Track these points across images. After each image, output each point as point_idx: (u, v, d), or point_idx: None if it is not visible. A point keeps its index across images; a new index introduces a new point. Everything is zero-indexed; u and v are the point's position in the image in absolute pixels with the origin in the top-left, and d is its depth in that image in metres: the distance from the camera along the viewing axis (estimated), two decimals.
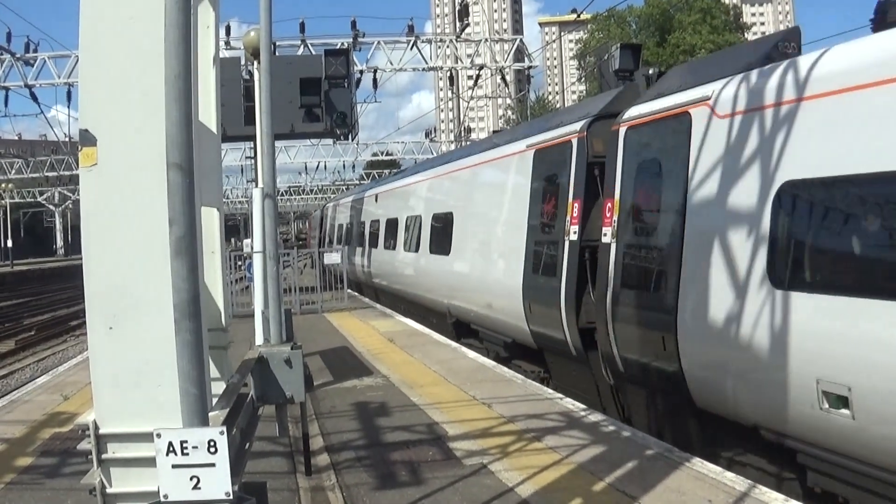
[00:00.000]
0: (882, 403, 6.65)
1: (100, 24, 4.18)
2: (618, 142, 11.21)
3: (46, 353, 26.82)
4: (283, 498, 7.20)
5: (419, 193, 23.69)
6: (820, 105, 7.63)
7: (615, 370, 11.08)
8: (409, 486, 7.25)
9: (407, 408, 10.39)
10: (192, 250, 3.33)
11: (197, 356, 3.31)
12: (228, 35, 32.39)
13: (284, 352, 6.56)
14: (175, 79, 3.29)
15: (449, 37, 38.82)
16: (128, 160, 4.16)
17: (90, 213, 4.21)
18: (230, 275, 21.52)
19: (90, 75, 4.25)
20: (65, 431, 9.63)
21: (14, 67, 32.68)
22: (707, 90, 9.49)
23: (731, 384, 8.61)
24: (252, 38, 10.46)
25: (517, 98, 43.98)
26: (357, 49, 33.41)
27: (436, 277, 20.42)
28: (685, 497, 6.60)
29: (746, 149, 8.56)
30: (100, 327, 4.19)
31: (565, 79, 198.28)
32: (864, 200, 7.30)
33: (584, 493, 6.79)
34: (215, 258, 5.77)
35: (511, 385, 11.47)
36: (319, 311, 23.02)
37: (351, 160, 75.03)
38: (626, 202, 10.92)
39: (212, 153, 5.89)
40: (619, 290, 10.75)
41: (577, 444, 8.23)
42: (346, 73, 23.03)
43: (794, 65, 8.14)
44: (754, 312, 8.10)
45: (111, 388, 4.20)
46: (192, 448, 3.27)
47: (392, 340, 16.57)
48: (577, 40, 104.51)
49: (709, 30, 66.47)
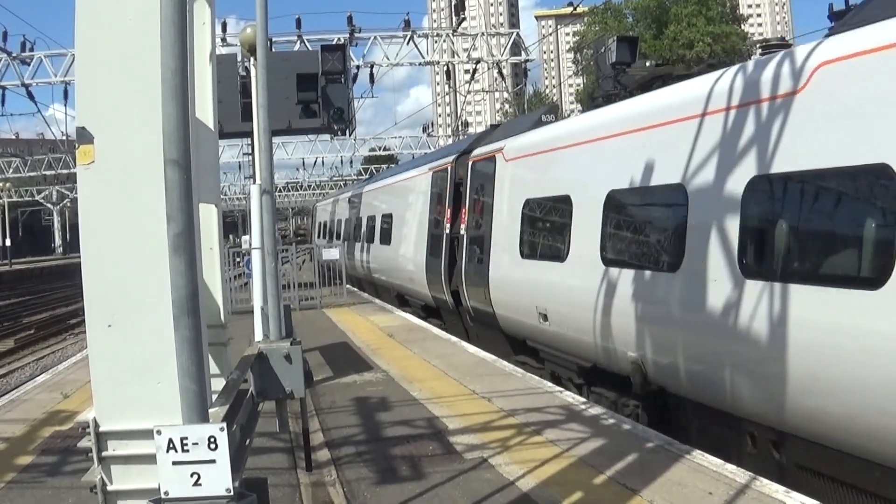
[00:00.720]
0: (559, 317, 12.44)
1: (96, 22, 4.18)
2: (468, 171, 17.91)
3: (46, 351, 26.86)
4: (283, 494, 7.21)
5: (369, 200, 31.58)
6: (540, 157, 14.05)
7: (471, 316, 17.63)
8: (409, 481, 7.26)
9: (407, 402, 10.41)
10: (191, 247, 3.32)
11: (196, 352, 3.31)
12: (225, 32, 32.33)
13: (284, 347, 6.56)
14: (171, 75, 3.29)
15: (445, 31, 38.78)
16: (125, 157, 4.16)
17: (88, 211, 4.21)
18: (229, 271, 21.51)
19: (87, 73, 4.24)
20: (65, 430, 9.63)
21: (10, 66, 32.62)
22: (501, 144, 15.96)
23: (510, 317, 14.83)
24: (248, 34, 10.43)
25: (514, 92, 43.90)
26: (353, 44, 33.38)
27: (385, 262, 26.79)
28: (686, 490, 6.60)
29: (516, 179, 15.05)
30: (99, 325, 4.19)
31: (562, 72, 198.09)
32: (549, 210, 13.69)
33: (584, 487, 6.80)
34: (214, 254, 5.76)
35: (511, 379, 11.48)
36: (318, 307, 23.03)
37: (349, 155, 75.02)
38: (471, 209, 17.60)
39: (209, 149, 5.88)
40: (467, 265, 17.37)
41: (577, 438, 8.24)
42: (343, 68, 22.97)
43: (539, 130, 14.80)
44: (515, 273, 14.61)
45: (111, 385, 4.20)
46: (192, 445, 3.27)
47: (391, 335, 16.59)
48: (573, 33, 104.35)
49: (705, 22, 66.31)
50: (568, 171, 12.90)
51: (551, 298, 12.74)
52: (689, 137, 9.12)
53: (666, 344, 9.52)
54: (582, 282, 11.40)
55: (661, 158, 9.81)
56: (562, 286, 12.33)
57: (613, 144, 11.16)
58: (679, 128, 9.41)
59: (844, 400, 6.88)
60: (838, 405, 6.98)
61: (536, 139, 14.37)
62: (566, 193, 12.44)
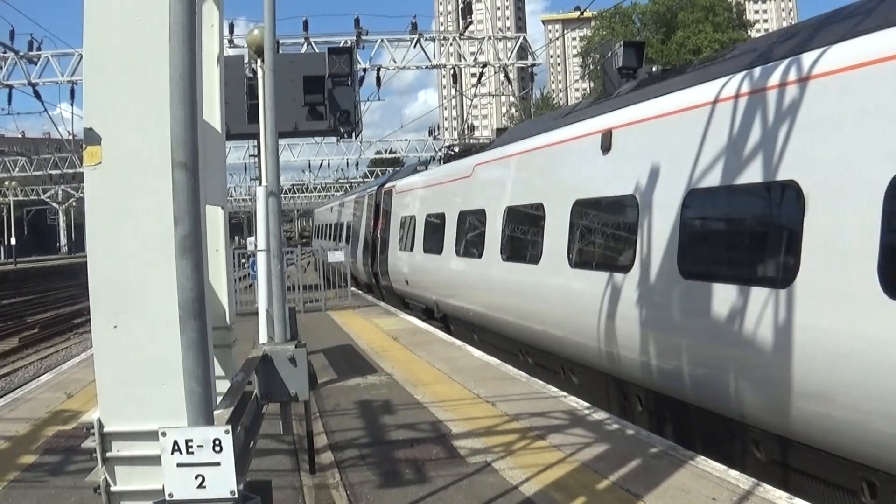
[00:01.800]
0: (413, 280, 23.69)
1: (104, 23, 4.18)
2: (381, 197, 28.71)
3: (50, 350, 26.84)
4: (287, 496, 7.21)
5: (340, 210, 43.52)
6: (407, 192, 25.20)
7: (383, 289, 28.01)
8: (413, 485, 7.25)
9: (411, 406, 10.40)
10: (197, 249, 3.33)
11: (202, 355, 3.32)
12: (232, 33, 32.40)
13: (288, 350, 6.56)
14: (180, 77, 3.29)
15: (452, 34, 38.81)
16: (132, 159, 4.16)
17: (95, 212, 4.21)
18: (234, 273, 21.52)
19: (94, 74, 4.24)
20: (68, 429, 9.64)
21: (18, 65, 32.71)
22: (394, 182, 27.88)
23: (395, 286, 25.77)
24: (255, 36, 10.43)
25: (520, 96, 43.92)
26: (360, 47, 33.47)
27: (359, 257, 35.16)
28: (690, 495, 6.59)
29: (399, 203, 25.76)
30: (104, 325, 4.19)
31: (569, 76, 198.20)
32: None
33: (588, 492, 6.79)
34: (220, 256, 5.76)
35: (515, 383, 11.47)
36: (323, 310, 23.05)
37: (354, 158, 75.20)
38: (382, 222, 27.97)
39: (216, 151, 5.88)
40: (378, 255, 27.82)
41: (580, 442, 8.23)
42: (350, 71, 23.04)
43: (411, 176, 26.29)
44: (398, 259, 25.06)
45: (116, 386, 4.20)
46: (196, 447, 3.27)
47: (396, 339, 16.59)
48: (580, 38, 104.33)
49: (712, 28, 66.33)
50: (415, 202, 23.77)
51: (410, 271, 23.67)
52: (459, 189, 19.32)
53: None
54: (424, 262, 21.70)
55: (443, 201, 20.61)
56: (413, 264, 23.11)
57: (433, 189, 21.98)
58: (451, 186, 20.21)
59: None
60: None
61: (407, 182, 25.72)
62: (413, 214, 23.38)
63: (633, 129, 10.56)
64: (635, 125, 10.51)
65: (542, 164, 14.01)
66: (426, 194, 22.59)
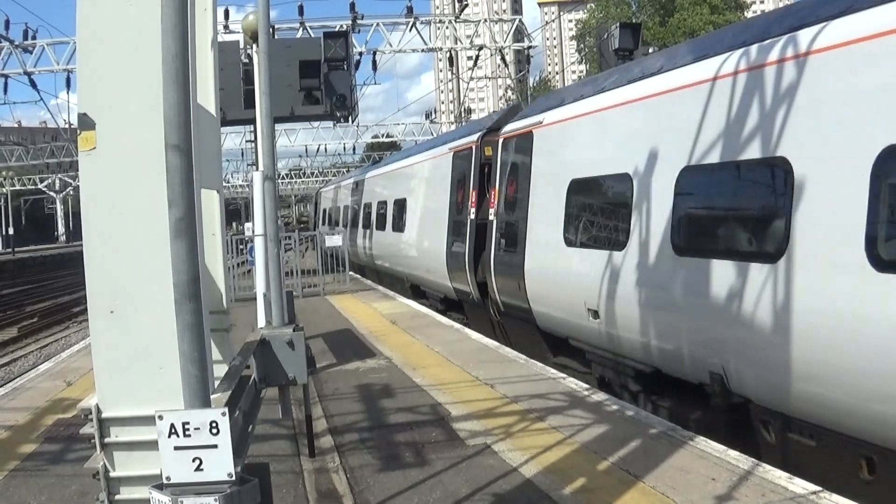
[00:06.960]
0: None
1: (97, 7, 4.16)
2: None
3: (49, 339, 26.86)
4: (286, 480, 7.21)
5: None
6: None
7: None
8: (412, 468, 7.27)
9: (410, 389, 10.41)
10: (192, 231, 3.32)
11: (198, 337, 3.31)
12: (227, 19, 32.23)
13: (287, 334, 6.57)
14: (172, 60, 3.27)
15: (448, 18, 38.61)
16: (127, 143, 4.14)
17: (90, 198, 4.20)
18: (231, 259, 21.51)
19: (88, 59, 4.23)
20: (68, 417, 9.63)
21: (13, 55, 32.54)
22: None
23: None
24: (251, 21, 10.37)
25: (517, 78, 43.82)
26: (356, 31, 33.23)
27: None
28: (689, 476, 6.60)
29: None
30: (101, 311, 4.19)
31: (565, 59, 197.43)
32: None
33: (588, 473, 6.80)
34: (216, 240, 5.76)
35: (514, 365, 11.47)
36: (321, 294, 23.03)
37: (351, 142, 74.96)
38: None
39: (211, 136, 5.87)
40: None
41: (580, 424, 8.23)
42: (346, 55, 22.96)
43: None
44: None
45: (113, 371, 4.20)
46: (193, 430, 3.27)
47: (394, 322, 16.58)
48: (576, 20, 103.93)
49: (709, 10, 66.06)
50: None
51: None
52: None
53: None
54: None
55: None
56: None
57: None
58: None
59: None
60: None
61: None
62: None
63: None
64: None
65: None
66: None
